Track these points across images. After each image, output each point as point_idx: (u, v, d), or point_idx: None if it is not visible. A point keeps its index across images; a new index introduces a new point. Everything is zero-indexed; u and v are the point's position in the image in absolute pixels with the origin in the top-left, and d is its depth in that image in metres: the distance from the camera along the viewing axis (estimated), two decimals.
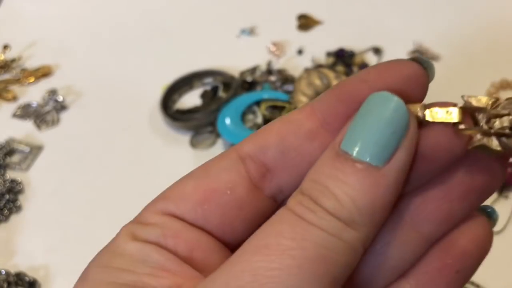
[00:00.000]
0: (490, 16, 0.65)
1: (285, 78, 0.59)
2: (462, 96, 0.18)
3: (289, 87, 0.58)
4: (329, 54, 0.61)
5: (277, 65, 0.61)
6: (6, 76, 0.64)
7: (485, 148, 0.18)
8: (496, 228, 0.48)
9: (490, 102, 0.18)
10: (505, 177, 0.19)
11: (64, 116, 0.59)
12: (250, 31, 0.66)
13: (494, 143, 0.18)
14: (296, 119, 0.19)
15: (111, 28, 0.68)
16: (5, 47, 0.65)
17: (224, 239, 0.20)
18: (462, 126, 0.18)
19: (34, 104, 0.60)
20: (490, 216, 0.20)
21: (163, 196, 0.20)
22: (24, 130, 0.58)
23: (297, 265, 0.16)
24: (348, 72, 0.59)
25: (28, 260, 0.48)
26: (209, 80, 0.60)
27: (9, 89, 0.62)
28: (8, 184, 0.52)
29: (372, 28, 0.65)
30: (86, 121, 0.59)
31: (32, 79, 0.63)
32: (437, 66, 0.68)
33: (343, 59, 0.60)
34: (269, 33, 0.65)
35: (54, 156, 0.56)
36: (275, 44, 0.64)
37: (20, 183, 0.53)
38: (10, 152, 0.56)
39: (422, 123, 0.18)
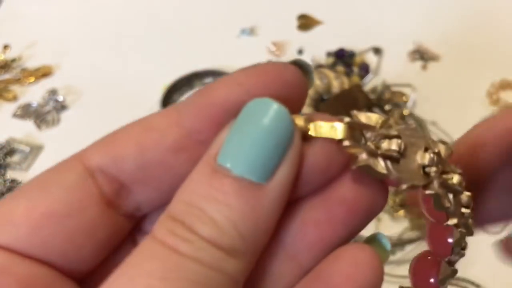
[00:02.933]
0: (490, 16, 0.65)
1: None
2: (351, 112, 0.16)
3: None
4: (329, 54, 0.61)
5: None
6: (7, 76, 0.64)
7: (369, 169, 0.16)
8: (496, 228, 0.48)
9: (381, 121, 0.17)
10: (387, 199, 0.18)
11: (64, 116, 0.59)
12: (250, 31, 0.66)
13: (380, 165, 0.16)
14: (159, 127, 0.16)
15: (111, 28, 0.68)
16: (5, 47, 0.65)
17: (71, 270, 0.16)
18: (346, 143, 0.16)
19: (34, 104, 0.60)
20: (380, 246, 0.18)
21: None
22: (24, 130, 0.58)
23: None
24: (349, 72, 0.59)
25: None
26: (209, 80, 0.60)
27: (9, 89, 0.62)
28: (8, 184, 0.52)
29: (372, 28, 0.65)
30: (86, 121, 0.59)
31: (32, 79, 0.63)
32: (437, 66, 0.68)
33: (343, 59, 0.60)
34: (269, 33, 0.65)
35: (54, 156, 0.55)
36: (275, 44, 0.64)
37: (20, 183, 0.53)
38: (11, 152, 0.56)
39: (305, 137, 0.16)
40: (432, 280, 0.19)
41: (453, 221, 0.17)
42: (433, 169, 0.16)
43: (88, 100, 0.61)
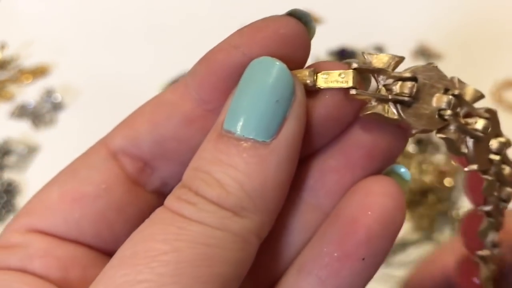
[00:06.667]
0: (493, 15, 0.64)
1: None
2: (362, 53, 0.16)
3: None
4: (331, 53, 0.61)
5: None
6: (3, 75, 0.63)
7: (378, 116, 0.15)
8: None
9: (394, 62, 0.16)
10: (406, 140, 0.17)
11: (62, 115, 0.59)
12: None
13: (390, 111, 0.15)
14: (169, 101, 0.17)
15: (109, 27, 0.67)
16: (2, 46, 0.64)
17: (107, 249, 0.16)
18: (353, 91, 0.15)
19: (32, 104, 0.59)
20: (398, 176, 0.17)
21: (25, 211, 0.17)
22: (21, 130, 0.57)
23: (171, 272, 0.13)
24: None
25: None
26: None
27: (6, 88, 0.61)
28: (5, 185, 0.52)
29: (374, 26, 0.64)
30: (84, 120, 0.59)
31: (29, 79, 0.62)
32: (441, 64, 0.67)
33: (345, 58, 0.60)
34: None
35: (52, 156, 0.55)
36: None
37: (17, 184, 0.52)
38: (7, 152, 0.55)
39: (314, 89, 0.16)
40: (475, 280, 0.18)
41: (472, 167, 0.16)
42: (448, 112, 0.15)
43: (86, 100, 0.60)
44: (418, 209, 0.48)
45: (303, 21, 0.16)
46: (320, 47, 0.62)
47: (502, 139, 0.17)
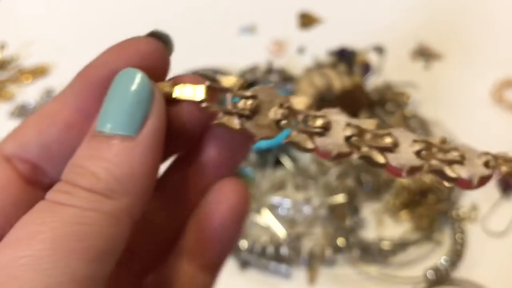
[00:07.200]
0: (493, 15, 0.65)
1: (285, 77, 0.59)
2: (216, 73, 0.19)
3: (289, 86, 0.58)
4: (330, 53, 0.61)
5: (277, 64, 0.61)
6: (3, 75, 0.63)
7: (224, 126, 0.19)
8: (499, 229, 0.48)
9: (239, 83, 0.19)
10: (248, 150, 0.21)
11: None
12: (250, 29, 0.65)
13: (235, 122, 0.19)
14: (51, 110, 0.19)
15: (108, 26, 0.67)
16: (2, 46, 0.64)
17: None
18: (204, 104, 0.19)
19: (32, 104, 0.59)
20: (246, 176, 0.21)
21: None
22: None
23: (48, 247, 0.15)
24: (350, 72, 0.58)
25: None
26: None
27: (6, 88, 0.62)
28: None
29: (374, 26, 0.64)
30: None
31: (29, 78, 0.62)
32: (440, 64, 0.67)
33: (345, 58, 0.60)
34: (269, 31, 0.65)
35: None
36: (275, 42, 0.63)
37: None
38: None
39: (173, 100, 0.19)
40: None
41: (334, 152, 0.19)
42: (284, 122, 0.19)
43: None
44: (418, 209, 0.48)
45: (162, 41, 0.19)
46: (320, 47, 0.62)
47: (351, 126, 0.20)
